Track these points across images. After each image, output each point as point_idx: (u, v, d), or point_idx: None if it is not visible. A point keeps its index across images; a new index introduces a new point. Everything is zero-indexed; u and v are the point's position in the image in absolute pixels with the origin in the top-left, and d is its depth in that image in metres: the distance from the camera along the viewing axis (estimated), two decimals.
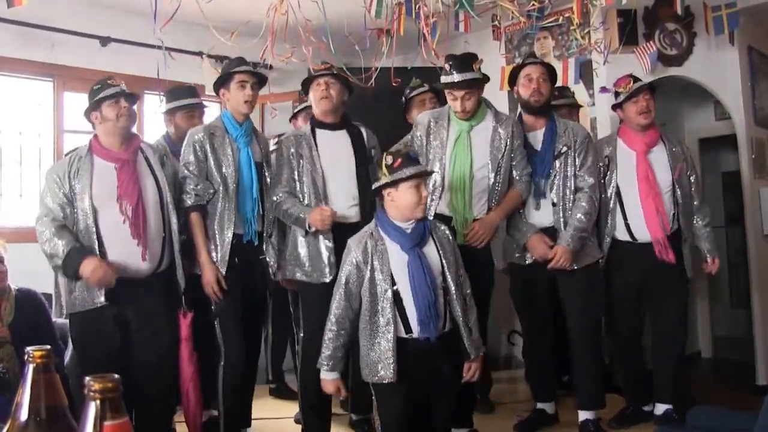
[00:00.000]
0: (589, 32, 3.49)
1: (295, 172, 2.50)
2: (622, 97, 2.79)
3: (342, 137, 2.56)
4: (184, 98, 3.02)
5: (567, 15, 3.60)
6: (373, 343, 1.95)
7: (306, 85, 2.62)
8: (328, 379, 2.04)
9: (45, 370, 0.67)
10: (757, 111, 3.82)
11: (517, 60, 4.06)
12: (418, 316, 1.93)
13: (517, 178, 2.59)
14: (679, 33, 3.65)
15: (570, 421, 2.73)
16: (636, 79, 2.83)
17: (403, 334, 1.95)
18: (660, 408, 2.73)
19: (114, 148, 2.29)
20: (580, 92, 3.74)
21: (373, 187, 2.08)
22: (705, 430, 1.86)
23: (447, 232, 2.12)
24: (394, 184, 1.99)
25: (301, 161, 2.49)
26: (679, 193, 2.75)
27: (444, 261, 2.02)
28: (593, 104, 3.72)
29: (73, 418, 0.67)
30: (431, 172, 2.21)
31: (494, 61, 4.01)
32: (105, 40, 3.58)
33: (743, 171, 3.73)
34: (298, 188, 2.50)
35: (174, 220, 2.33)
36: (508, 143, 2.52)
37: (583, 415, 2.65)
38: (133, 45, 3.59)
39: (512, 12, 3.00)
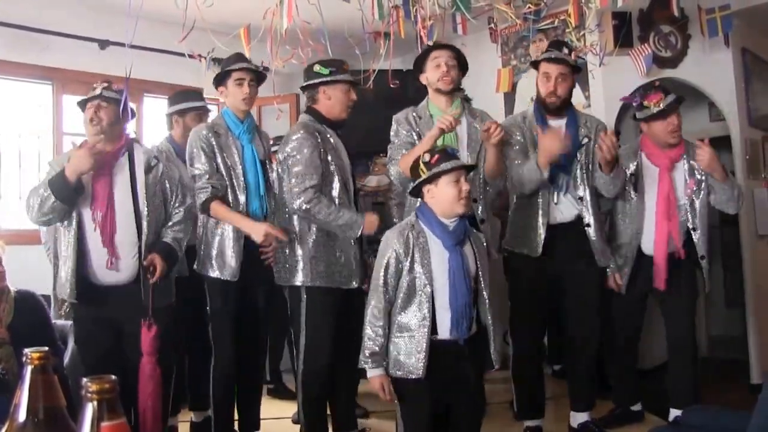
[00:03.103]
0: (584, 35, 3.50)
1: (321, 168, 2.35)
2: (650, 112, 2.64)
3: (340, 140, 2.54)
4: (193, 100, 3.04)
5: (563, 17, 3.62)
6: (406, 337, 1.91)
7: (323, 81, 2.47)
8: (376, 375, 1.91)
9: (43, 372, 0.69)
10: (752, 112, 3.84)
11: (513, 62, 4.08)
12: (453, 315, 1.90)
13: None
14: (674, 35, 3.67)
15: (561, 427, 2.75)
16: (666, 92, 2.69)
17: (430, 334, 1.90)
18: (673, 413, 2.68)
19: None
20: (576, 94, 3.75)
21: (413, 184, 2.03)
22: (700, 430, 1.87)
23: (482, 238, 2.13)
24: (433, 179, 1.95)
25: (328, 156, 2.38)
26: (697, 206, 2.67)
27: (479, 264, 2.00)
28: (589, 106, 3.74)
29: (73, 419, 0.68)
30: (472, 166, 2.13)
31: (491, 64, 4.03)
32: (103, 43, 3.59)
33: (737, 172, 3.74)
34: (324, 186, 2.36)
35: (145, 228, 2.26)
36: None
37: (581, 417, 2.66)
38: (132, 48, 3.60)
39: (508, 15, 3.02)
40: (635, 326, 2.83)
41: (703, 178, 2.71)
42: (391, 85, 2.94)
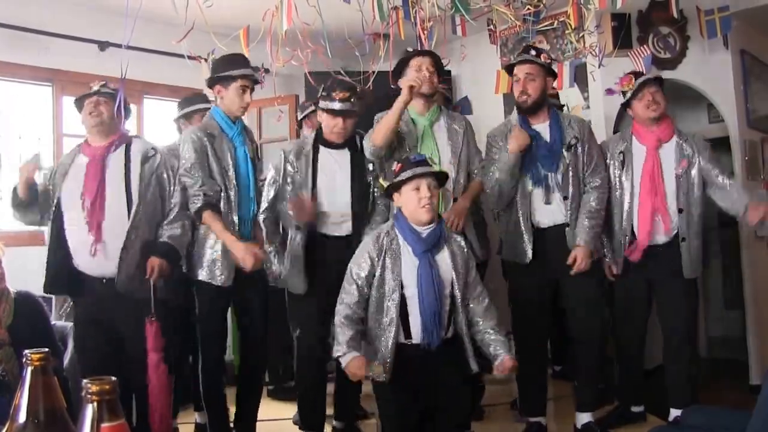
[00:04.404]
0: (583, 36, 3.51)
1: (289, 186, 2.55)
2: (628, 96, 2.75)
3: (342, 155, 2.56)
4: (198, 103, 3.11)
5: (562, 19, 3.62)
6: (375, 340, 1.95)
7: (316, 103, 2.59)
8: (350, 359, 1.89)
9: (43, 373, 0.69)
10: (750, 113, 3.85)
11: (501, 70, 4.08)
12: (422, 322, 1.92)
13: (476, 171, 2.64)
14: (673, 37, 3.68)
15: (562, 427, 2.75)
16: (638, 75, 2.80)
17: (403, 339, 1.93)
18: (673, 413, 2.67)
19: (95, 144, 2.36)
20: (575, 95, 3.76)
21: (383, 193, 2.10)
22: (699, 430, 1.88)
23: (462, 243, 2.09)
24: (395, 188, 1.99)
25: (297, 177, 2.54)
26: (681, 191, 2.66)
27: (454, 272, 2.00)
28: (588, 107, 3.74)
29: (73, 420, 0.68)
30: (438, 173, 2.14)
31: (491, 65, 4.04)
32: (103, 45, 3.59)
33: (736, 173, 3.74)
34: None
35: (139, 219, 2.27)
36: (463, 139, 2.56)
37: (585, 418, 2.67)
38: (132, 49, 3.60)
39: (508, 16, 3.03)
40: (639, 327, 2.81)
41: (694, 160, 2.69)
42: (392, 86, 2.94)
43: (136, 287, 2.24)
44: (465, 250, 2.08)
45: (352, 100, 2.53)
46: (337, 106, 2.50)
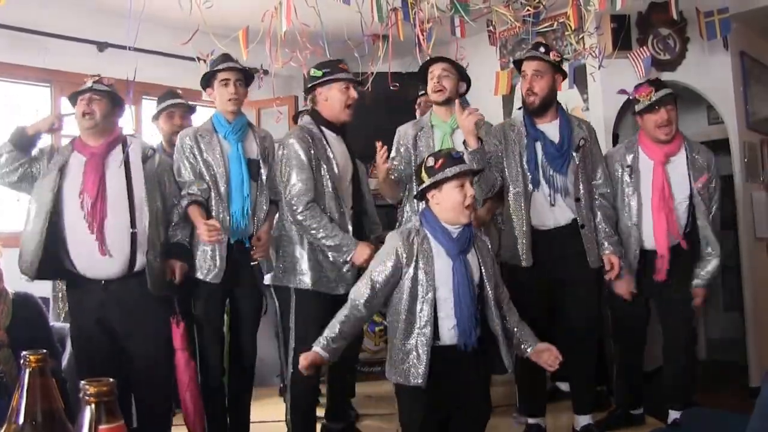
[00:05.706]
0: (583, 37, 3.51)
1: (314, 175, 2.32)
2: (642, 105, 2.64)
3: (342, 142, 2.49)
4: (164, 101, 3.09)
5: (562, 20, 3.63)
6: (405, 343, 1.89)
7: (319, 82, 2.42)
8: (312, 351, 1.87)
9: (41, 374, 0.69)
10: (750, 115, 3.85)
11: (512, 65, 4.08)
12: (459, 325, 1.87)
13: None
14: (672, 38, 3.69)
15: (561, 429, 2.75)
16: (659, 87, 2.67)
17: (432, 342, 1.89)
18: (672, 415, 2.67)
19: (90, 143, 2.30)
20: (574, 96, 3.77)
21: (418, 190, 2.02)
22: None
23: (488, 242, 2.06)
24: (437, 185, 1.92)
25: (320, 162, 2.34)
26: (697, 203, 2.63)
27: (483, 271, 1.96)
28: (587, 108, 3.75)
29: (72, 422, 0.68)
30: (477, 171, 2.08)
31: (490, 66, 4.04)
32: (102, 46, 3.60)
33: (736, 175, 3.75)
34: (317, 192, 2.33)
35: (145, 217, 2.25)
36: None
37: (583, 420, 2.66)
38: (131, 50, 3.60)
39: (507, 17, 3.03)
40: (639, 330, 2.81)
41: (712, 173, 2.66)
42: (391, 88, 2.95)
43: (161, 289, 2.27)
44: (489, 248, 2.05)
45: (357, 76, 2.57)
46: (350, 75, 2.43)
